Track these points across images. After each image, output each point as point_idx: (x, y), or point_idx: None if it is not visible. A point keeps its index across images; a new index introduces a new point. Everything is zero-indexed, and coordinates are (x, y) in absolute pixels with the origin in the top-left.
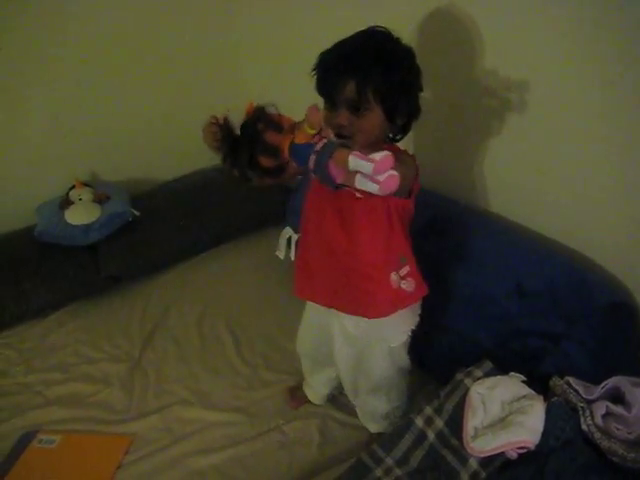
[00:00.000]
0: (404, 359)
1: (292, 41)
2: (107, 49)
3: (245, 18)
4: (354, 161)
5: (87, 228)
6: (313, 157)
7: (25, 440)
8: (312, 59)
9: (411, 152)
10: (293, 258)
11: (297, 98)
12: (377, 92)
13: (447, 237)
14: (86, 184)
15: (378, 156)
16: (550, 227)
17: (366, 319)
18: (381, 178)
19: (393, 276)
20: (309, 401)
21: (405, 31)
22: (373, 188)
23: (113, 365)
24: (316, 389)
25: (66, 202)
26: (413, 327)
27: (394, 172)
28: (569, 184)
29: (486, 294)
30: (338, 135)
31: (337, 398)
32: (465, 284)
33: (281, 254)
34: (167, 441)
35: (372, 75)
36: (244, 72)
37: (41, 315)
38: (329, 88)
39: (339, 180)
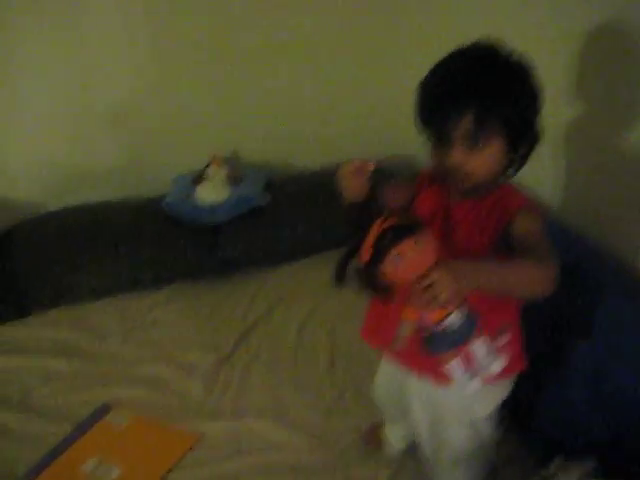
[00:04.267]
0: (489, 433)
1: None
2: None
3: None
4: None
5: (214, 208)
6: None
7: (100, 412)
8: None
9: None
10: None
11: None
12: (499, 120)
13: (580, 291)
14: (224, 162)
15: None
16: None
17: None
18: None
19: None
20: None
21: None
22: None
23: (204, 355)
24: (392, 440)
25: (200, 177)
26: (504, 398)
27: None
28: None
29: (610, 372)
30: (452, 177)
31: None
32: (587, 353)
33: None
34: (230, 450)
35: (492, 101)
36: None
37: (153, 287)
38: (440, 123)
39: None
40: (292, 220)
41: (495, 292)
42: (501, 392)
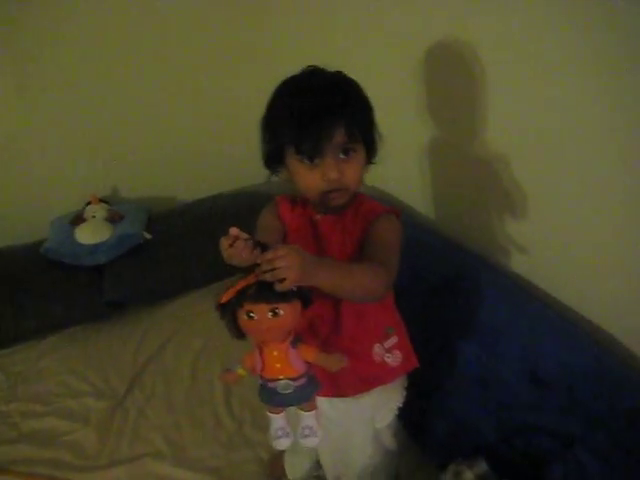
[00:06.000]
0: (391, 442)
1: None
2: (145, 61)
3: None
4: None
5: (95, 248)
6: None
7: None
8: None
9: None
10: None
11: None
12: (361, 129)
13: (462, 301)
14: (103, 200)
15: None
16: (580, 300)
17: (343, 398)
18: None
19: (377, 349)
20: None
21: None
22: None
23: (96, 402)
24: (292, 470)
25: (78, 218)
26: (400, 404)
27: None
28: (604, 254)
29: (495, 375)
30: (329, 191)
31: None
32: (473, 359)
33: None
34: None
35: (354, 112)
36: None
37: (39, 337)
38: (315, 138)
39: None
40: (176, 254)
41: (332, 291)
42: (396, 398)
